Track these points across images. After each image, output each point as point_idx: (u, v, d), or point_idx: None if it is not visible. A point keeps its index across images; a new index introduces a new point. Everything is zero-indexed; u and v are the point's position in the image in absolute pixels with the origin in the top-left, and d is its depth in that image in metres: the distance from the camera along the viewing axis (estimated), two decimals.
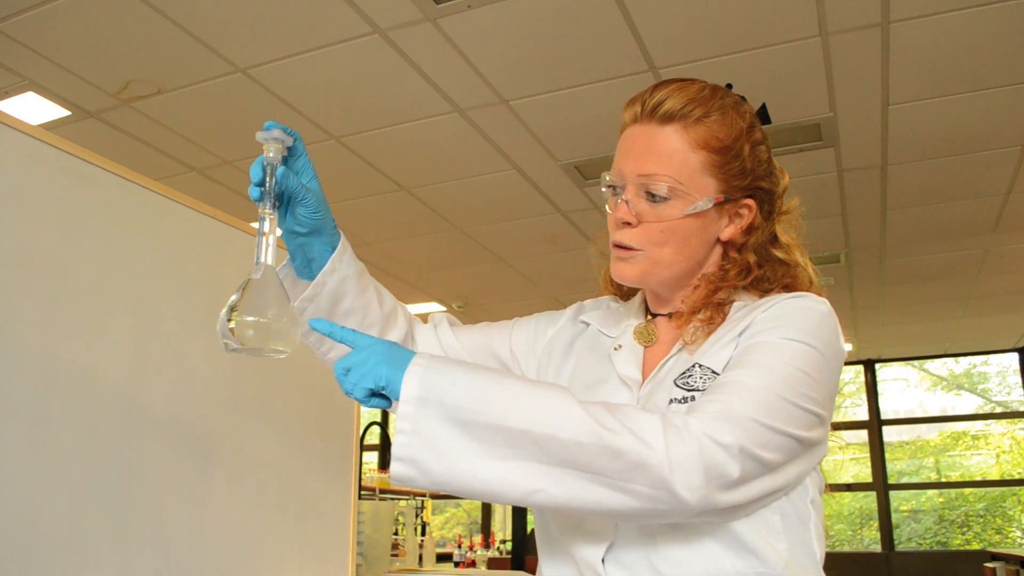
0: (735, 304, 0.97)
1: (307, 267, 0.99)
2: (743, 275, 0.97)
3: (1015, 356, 7.92)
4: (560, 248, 5.08)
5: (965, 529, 8.29)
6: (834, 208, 4.48)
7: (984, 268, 5.44)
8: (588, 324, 1.09)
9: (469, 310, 6.47)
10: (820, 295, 0.95)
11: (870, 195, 4.30)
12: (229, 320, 0.83)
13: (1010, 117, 3.46)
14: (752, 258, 0.98)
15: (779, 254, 1.00)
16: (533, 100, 3.39)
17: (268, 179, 0.88)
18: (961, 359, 8.35)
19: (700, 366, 0.90)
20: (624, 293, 1.12)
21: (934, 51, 2.99)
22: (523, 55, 3.07)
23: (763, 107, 1.03)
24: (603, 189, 0.99)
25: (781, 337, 0.86)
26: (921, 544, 8.22)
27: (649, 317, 1.03)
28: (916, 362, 8.46)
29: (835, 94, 3.31)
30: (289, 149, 0.92)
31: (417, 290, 6.03)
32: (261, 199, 0.87)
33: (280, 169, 0.89)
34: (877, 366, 8.23)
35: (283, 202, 0.91)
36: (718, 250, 0.99)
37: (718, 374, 0.88)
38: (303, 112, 3.47)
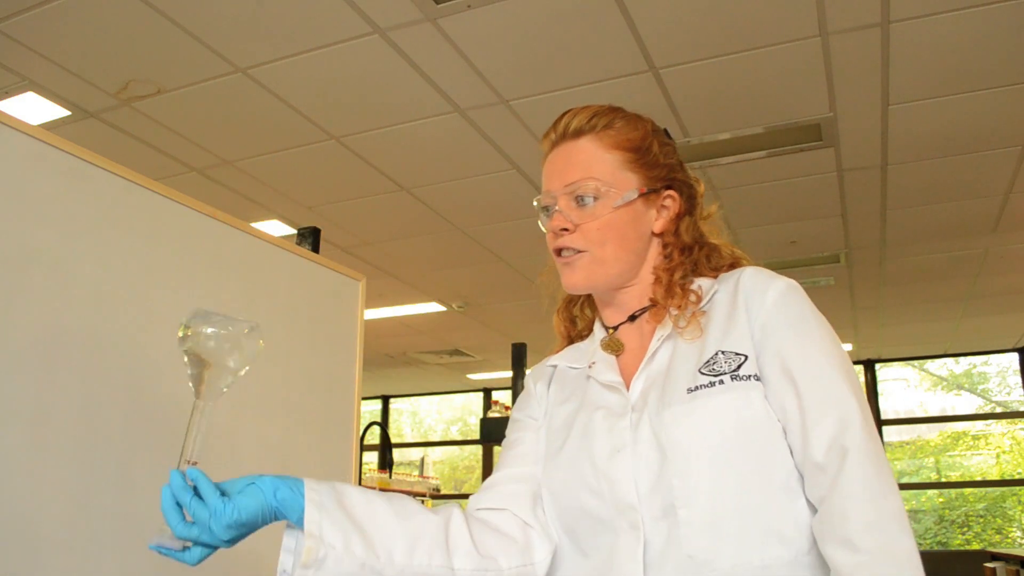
0: (701, 283, 1.02)
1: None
2: (685, 253, 1.04)
3: (1015, 356, 7.92)
4: None
5: (965, 529, 8.29)
6: (834, 208, 4.48)
7: (984, 268, 5.44)
8: (555, 366, 1.12)
9: (469, 310, 6.47)
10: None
11: (870, 195, 4.30)
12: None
13: (1010, 117, 3.46)
14: (687, 239, 1.05)
15: (711, 240, 1.07)
16: (533, 100, 3.39)
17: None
18: (961, 359, 8.35)
19: (723, 352, 0.93)
20: (579, 332, 1.16)
21: (934, 51, 2.99)
22: (523, 55, 3.07)
23: (666, 130, 1.10)
24: (539, 216, 1.06)
25: (823, 356, 0.91)
26: (921, 544, 8.22)
27: (611, 331, 1.07)
28: (916, 362, 8.46)
29: (835, 94, 3.31)
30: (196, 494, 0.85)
31: (417, 290, 6.03)
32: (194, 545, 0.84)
33: (194, 554, 0.85)
34: (877, 366, 8.23)
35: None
36: (656, 243, 1.05)
37: (744, 355, 0.92)
38: (303, 112, 3.47)
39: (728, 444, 0.88)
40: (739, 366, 0.92)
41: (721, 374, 0.91)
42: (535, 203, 1.06)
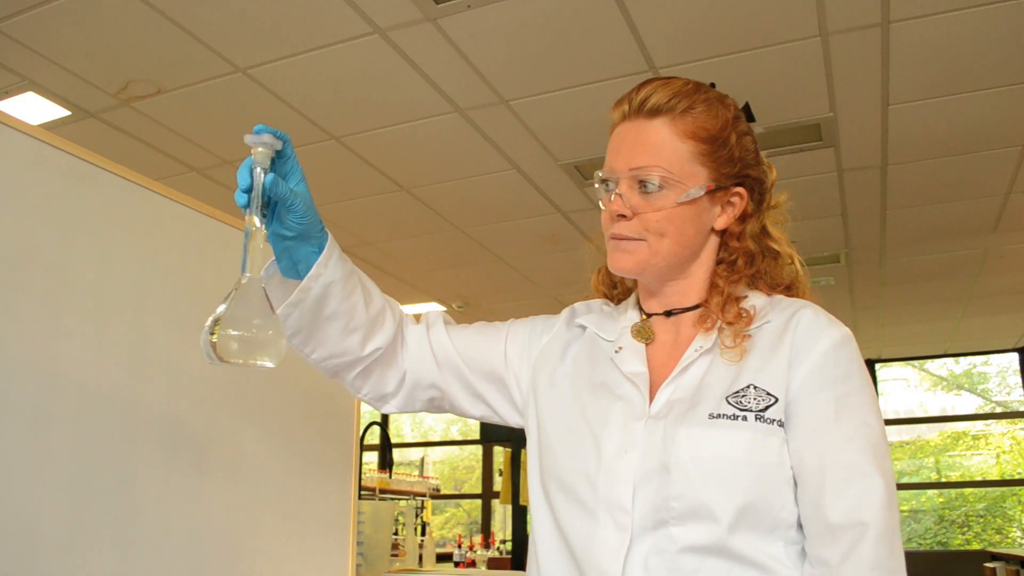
0: (755, 302, 0.98)
1: (293, 269, 0.96)
2: (749, 263, 1.00)
3: (1015, 356, 7.92)
4: (560, 248, 5.08)
5: (965, 529, 8.30)
6: (834, 208, 4.48)
7: (984, 268, 5.44)
8: (584, 328, 1.09)
9: (469, 310, 6.47)
10: (810, 295, 1.02)
11: (870, 195, 4.30)
12: (212, 334, 0.81)
13: (1010, 117, 3.46)
14: (752, 245, 1.00)
15: (773, 245, 1.03)
16: (533, 100, 3.39)
17: (256, 184, 0.85)
18: (961, 359, 8.35)
19: (755, 387, 0.91)
20: (615, 296, 1.13)
21: (934, 51, 2.99)
22: (523, 55, 3.07)
23: (746, 105, 1.06)
24: (596, 186, 1.00)
25: (857, 424, 0.89)
26: (921, 544, 8.22)
27: (644, 316, 1.03)
28: (916, 362, 8.46)
29: (835, 94, 3.31)
30: (278, 152, 0.88)
31: (417, 290, 6.03)
32: (248, 205, 0.85)
33: (269, 176, 0.86)
34: (877, 366, 8.23)
35: (271, 208, 0.89)
36: (713, 240, 1.01)
37: (775, 397, 0.90)
38: (303, 112, 3.47)
39: (734, 481, 0.86)
40: (767, 407, 0.89)
41: (747, 410, 0.89)
42: (596, 174, 1.00)
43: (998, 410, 8.40)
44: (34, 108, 3.36)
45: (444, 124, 3.57)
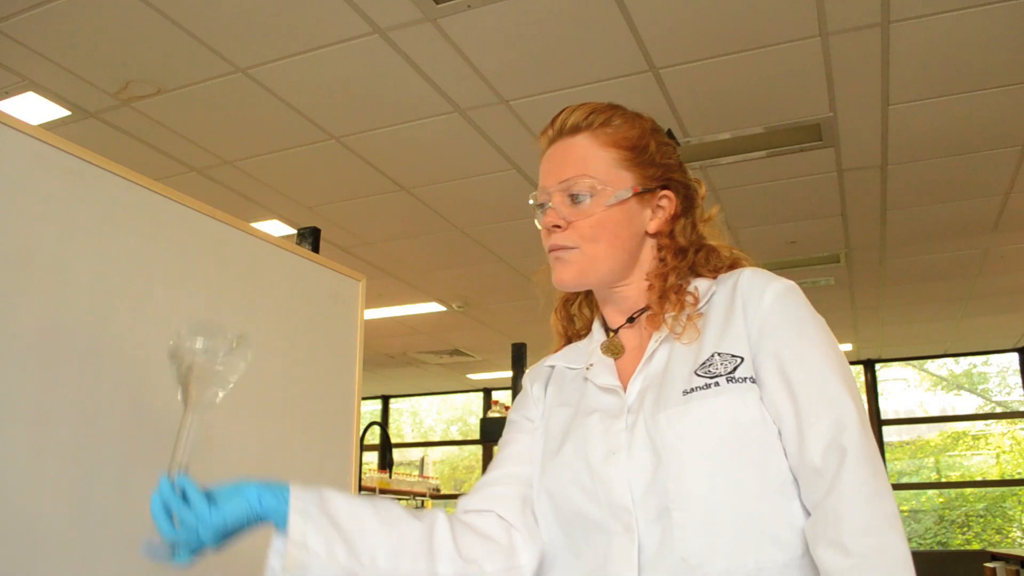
0: (698, 284, 1.01)
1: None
2: (680, 256, 1.03)
3: (1015, 356, 7.92)
4: None
5: (965, 529, 8.29)
6: (834, 208, 4.48)
7: (984, 268, 5.44)
8: (553, 366, 1.11)
9: (469, 310, 6.47)
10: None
11: (870, 195, 4.30)
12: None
13: (1010, 117, 3.46)
14: (682, 241, 1.04)
15: (708, 241, 1.06)
16: (533, 100, 3.39)
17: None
18: (961, 359, 8.35)
19: (719, 354, 0.93)
20: (577, 332, 1.15)
21: (934, 51, 2.99)
22: (523, 55, 3.07)
23: (669, 131, 1.10)
24: (535, 212, 1.05)
25: (819, 357, 0.90)
26: (921, 544, 8.22)
27: (612, 333, 1.06)
28: (916, 362, 8.46)
29: (835, 94, 3.31)
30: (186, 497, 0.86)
31: (417, 290, 6.03)
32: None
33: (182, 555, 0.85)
34: (877, 366, 8.24)
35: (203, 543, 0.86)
36: (650, 244, 1.04)
37: (741, 357, 0.92)
38: (303, 112, 3.48)
39: (723, 447, 0.88)
40: (735, 368, 0.91)
41: (717, 376, 0.91)
42: (530, 200, 1.06)
43: (998, 410, 8.40)
44: (34, 108, 3.36)
45: (444, 124, 3.57)
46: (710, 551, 0.85)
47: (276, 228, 4.59)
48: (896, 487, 8.12)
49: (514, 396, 1.23)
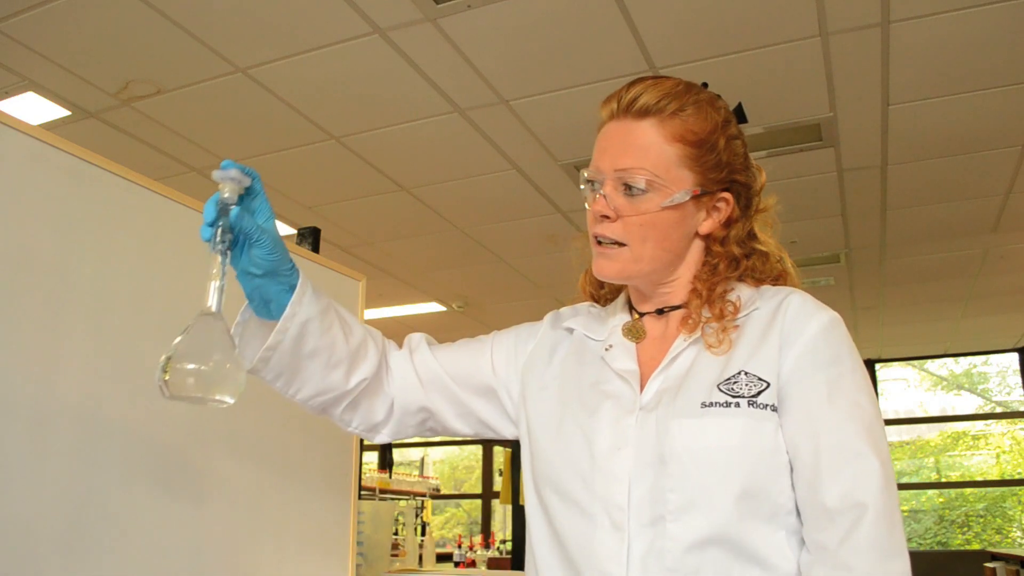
0: (740, 293, 0.98)
1: (265, 308, 0.94)
2: (732, 267, 0.99)
3: (1015, 356, 7.92)
4: (560, 248, 5.08)
5: (965, 529, 8.30)
6: (834, 208, 4.48)
7: (984, 268, 5.44)
8: (572, 330, 1.08)
9: (469, 310, 6.47)
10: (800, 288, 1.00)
11: (870, 195, 4.30)
12: (164, 371, 0.78)
13: (1010, 117, 3.46)
14: (736, 250, 0.99)
15: (760, 247, 1.02)
16: (533, 100, 3.39)
17: (222, 219, 0.83)
18: (961, 359, 8.36)
19: (746, 374, 0.90)
20: (603, 296, 1.12)
21: (934, 51, 2.99)
22: (523, 55, 3.07)
23: (739, 106, 1.04)
24: (582, 186, 0.99)
25: (850, 406, 0.88)
26: (921, 544, 8.23)
27: (636, 316, 1.03)
28: (916, 362, 8.46)
29: (835, 94, 3.31)
30: (248, 188, 0.87)
31: (417, 290, 6.03)
32: (213, 239, 0.84)
33: (235, 210, 0.85)
34: (877, 366, 8.24)
35: (237, 243, 0.87)
36: (698, 244, 1.00)
37: (767, 382, 0.89)
38: (303, 112, 3.48)
39: (730, 469, 0.86)
40: (759, 392, 0.89)
41: (739, 397, 0.88)
42: (582, 173, 0.99)
43: (998, 410, 8.40)
44: (34, 108, 3.36)
45: (444, 124, 3.57)
46: (697, 568, 0.85)
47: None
48: (896, 484, 8.12)
49: None
